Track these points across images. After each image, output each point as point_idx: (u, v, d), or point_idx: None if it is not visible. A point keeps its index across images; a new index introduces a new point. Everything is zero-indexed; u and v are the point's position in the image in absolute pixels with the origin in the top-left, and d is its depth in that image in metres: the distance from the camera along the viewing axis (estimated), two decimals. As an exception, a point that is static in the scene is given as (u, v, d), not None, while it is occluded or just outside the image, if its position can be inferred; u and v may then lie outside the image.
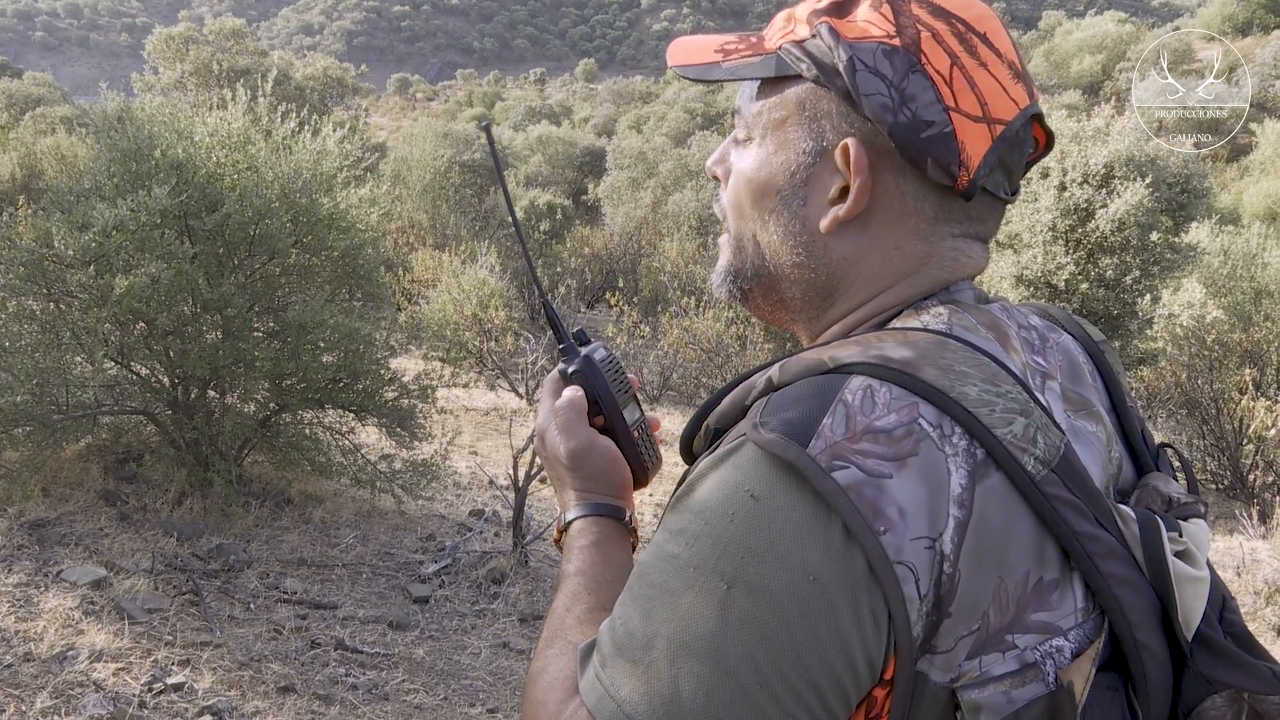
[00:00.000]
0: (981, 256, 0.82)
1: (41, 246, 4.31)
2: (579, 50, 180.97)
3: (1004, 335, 0.77)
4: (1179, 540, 0.72)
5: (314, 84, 24.48)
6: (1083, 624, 0.68)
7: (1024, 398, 0.70)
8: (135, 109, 5.13)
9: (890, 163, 0.77)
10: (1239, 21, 42.19)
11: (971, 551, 0.64)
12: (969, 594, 0.65)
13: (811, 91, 0.79)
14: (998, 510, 0.66)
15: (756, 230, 0.84)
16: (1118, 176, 10.02)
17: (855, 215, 0.78)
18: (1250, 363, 8.41)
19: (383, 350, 5.30)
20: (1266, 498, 7.57)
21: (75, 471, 4.86)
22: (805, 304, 0.84)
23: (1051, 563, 0.67)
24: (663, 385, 10.92)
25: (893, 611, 0.64)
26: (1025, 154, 0.80)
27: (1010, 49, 0.77)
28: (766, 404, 0.70)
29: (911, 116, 0.74)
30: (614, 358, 1.01)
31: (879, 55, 0.75)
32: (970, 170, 0.75)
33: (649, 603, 0.68)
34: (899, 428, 0.66)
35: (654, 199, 19.46)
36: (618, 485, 0.97)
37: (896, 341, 0.71)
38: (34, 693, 3.03)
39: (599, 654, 0.70)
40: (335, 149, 5.37)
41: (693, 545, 0.67)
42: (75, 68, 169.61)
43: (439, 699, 3.57)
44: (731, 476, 0.68)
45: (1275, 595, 4.98)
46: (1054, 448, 0.69)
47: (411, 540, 5.08)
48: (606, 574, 0.89)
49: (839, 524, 0.64)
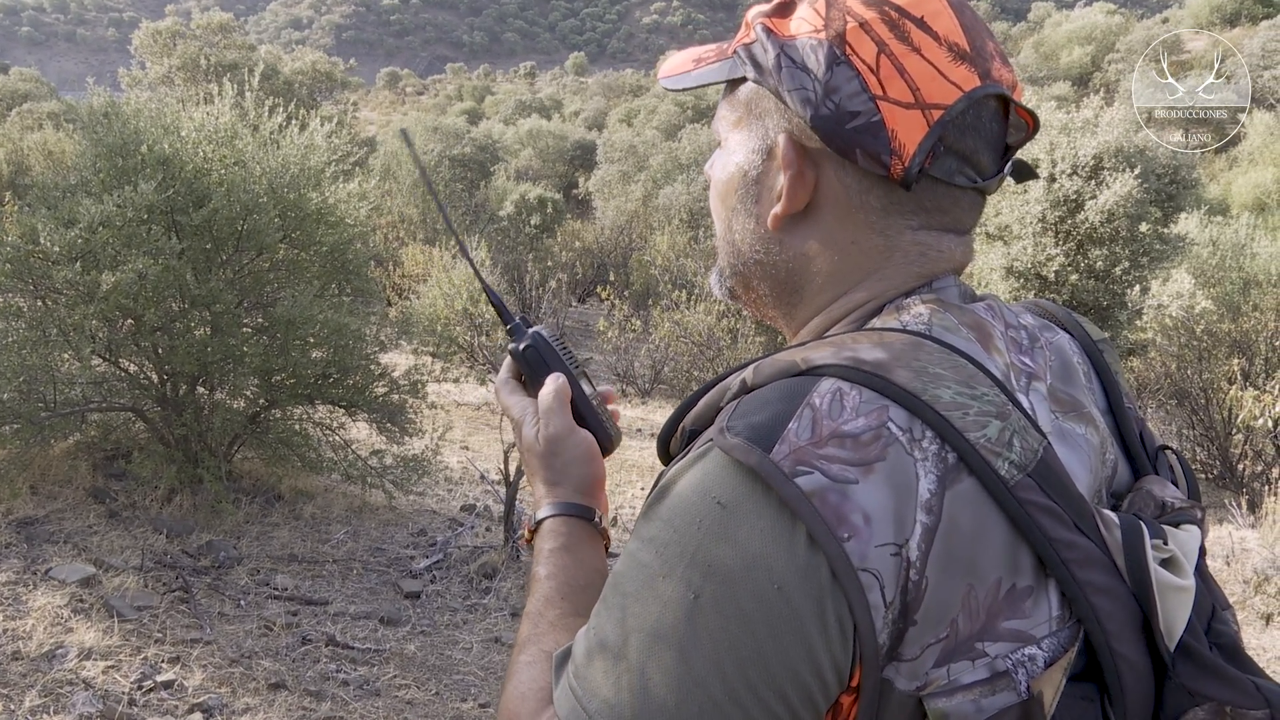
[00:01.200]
0: (956, 249, 0.80)
1: (27, 243, 4.28)
2: (569, 44, 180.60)
3: (986, 335, 0.75)
4: (1164, 548, 0.71)
5: (302, 78, 24.40)
6: (1057, 632, 0.67)
7: (1001, 400, 0.68)
8: (122, 104, 5.09)
9: (830, 157, 0.76)
10: (1227, 12, 42.27)
11: (939, 558, 0.63)
12: (936, 601, 0.64)
13: (755, 92, 0.80)
14: (968, 516, 0.64)
15: (726, 229, 0.86)
16: (1107, 168, 10.05)
17: (796, 210, 0.79)
18: (1239, 353, 8.45)
19: (373, 345, 5.28)
20: (1255, 487, 7.61)
21: (64, 469, 4.84)
22: (777, 301, 0.84)
23: (1025, 570, 0.66)
24: (654, 379, 10.92)
25: (857, 619, 0.63)
26: (991, 137, 0.76)
27: (954, 29, 0.74)
28: (736, 407, 0.69)
29: (835, 108, 0.74)
30: (560, 337, 1.02)
31: (806, 50, 0.75)
32: (904, 158, 0.73)
33: (621, 611, 0.67)
34: (866, 432, 0.65)
35: (645, 193, 19.45)
36: (589, 482, 0.95)
37: (871, 343, 0.70)
38: (23, 691, 3.01)
39: (573, 663, 0.70)
40: (323, 143, 5.35)
41: (662, 553, 0.66)
42: (62, 63, 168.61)
43: (430, 694, 3.56)
44: (700, 483, 0.67)
45: (1263, 584, 5.01)
46: (1031, 451, 0.67)
47: (403, 536, 5.08)
48: (578, 578, 0.88)
49: (803, 531, 0.63)
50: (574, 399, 0.98)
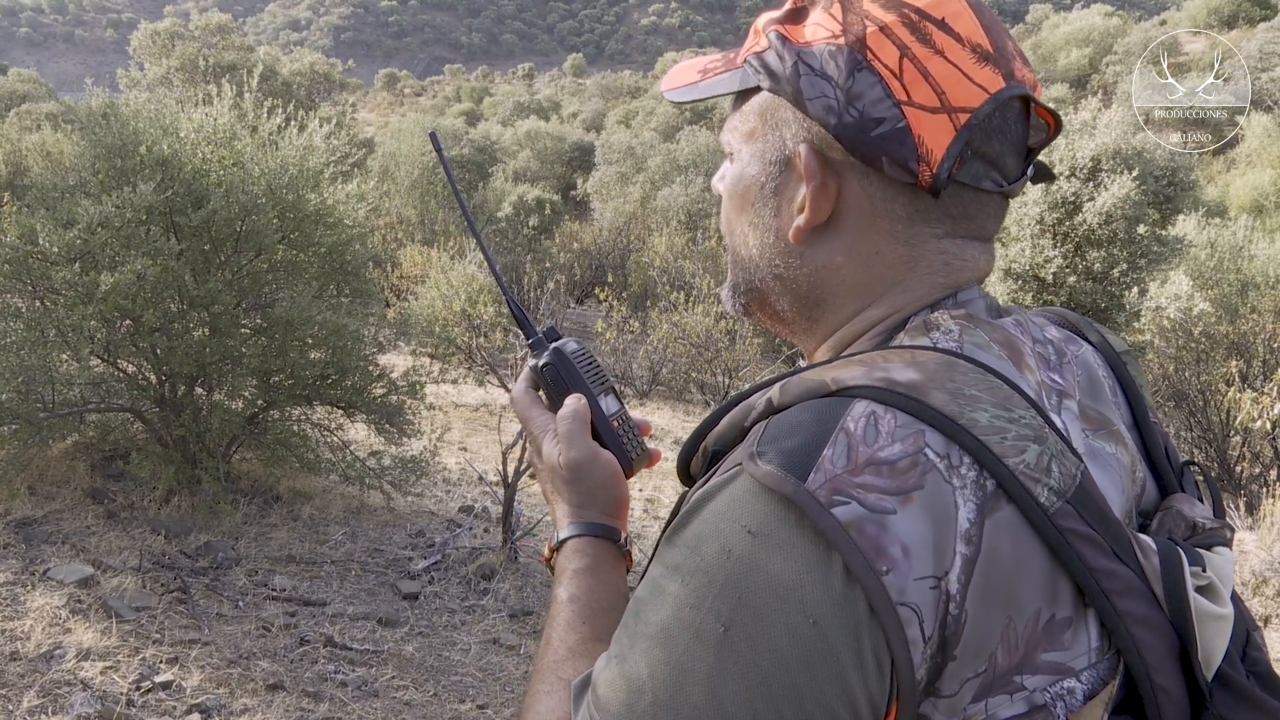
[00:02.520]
0: (980, 257, 0.78)
1: (26, 243, 4.28)
2: (567, 45, 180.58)
3: (1018, 353, 0.73)
4: (1202, 575, 0.69)
5: (301, 79, 24.40)
6: (1096, 664, 0.65)
7: (1038, 423, 0.66)
8: (120, 105, 5.09)
9: (853, 166, 0.74)
10: (1224, 14, 42.32)
11: (979, 590, 0.61)
12: (976, 635, 0.61)
13: (770, 101, 0.78)
14: (1008, 546, 0.62)
15: (741, 244, 0.83)
16: (1105, 170, 10.06)
17: (820, 222, 0.76)
18: (1237, 354, 8.45)
19: (371, 346, 5.28)
20: (1254, 489, 7.61)
21: (62, 469, 4.84)
22: (796, 316, 0.82)
23: (1065, 600, 0.64)
24: (652, 380, 10.92)
25: (895, 654, 0.60)
26: (1015, 140, 0.75)
27: (975, 30, 0.72)
28: (765, 430, 0.66)
29: (859, 116, 0.71)
30: (586, 350, 0.99)
31: (825, 57, 0.73)
32: (932, 165, 0.71)
33: (645, 641, 0.64)
34: (903, 459, 0.62)
35: (643, 194, 19.46)
36: (614, 504, 0.93)
37: (904, 362, 0.68)
38: (21, 692, 3.01)
39: (593, 693, 0.67)
40: (322, 144, 5.35)
41: (689, 583, 0.63)
42: (61, 64, 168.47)
43: (429, 695, 3.56)
44: (728, 510, 0.64)
45: (1262, 586, 5.02)
46: (1070, 476, 0.65)
47: (401, 537, 5.07)
48: (602, 601, 0.85)
49: (839, 563, 0.60)
50: (593, 420, 0.95)
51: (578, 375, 0.97)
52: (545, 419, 0.96)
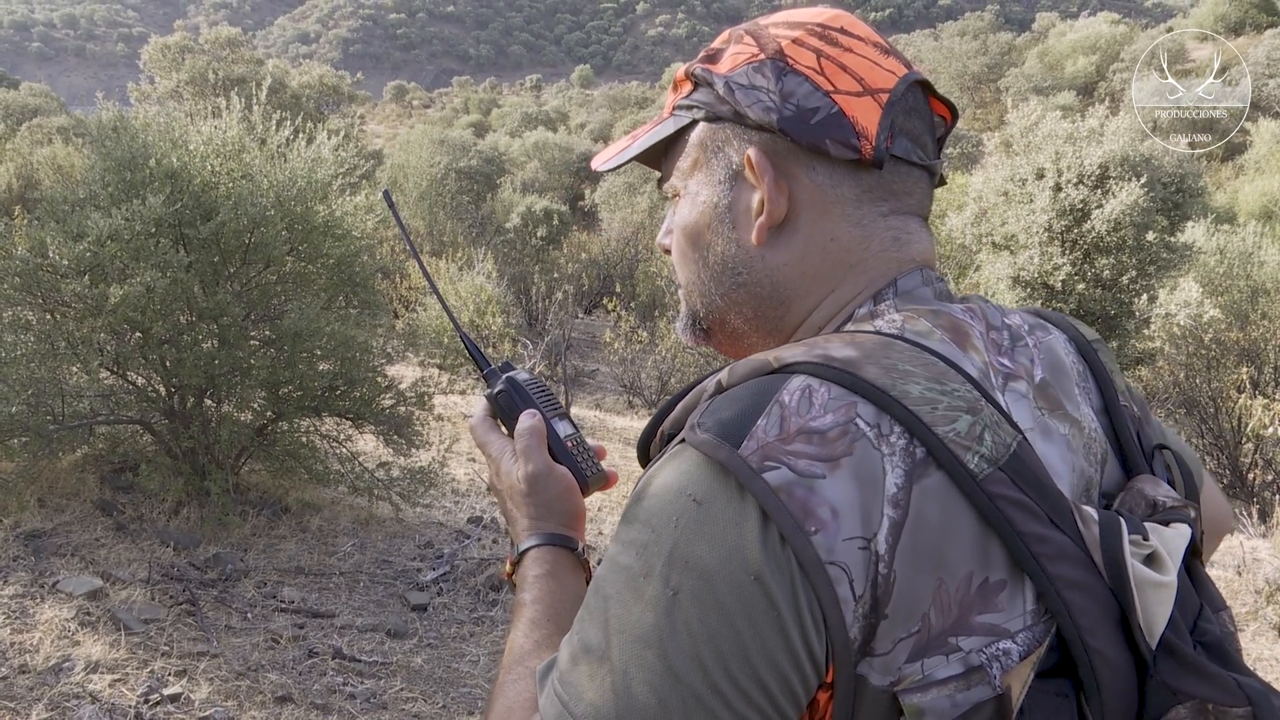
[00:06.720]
0: (923, 234, 0.84)
1: (36, 256, 4.30)
2: (575, 56, 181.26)
3: (963, 335, 0.76)
4: (1144, 544, 0.71)
5: (310, 92, 24.52)
6: (1032, 626, 0.67)
7: (973, 395, 0.69)
8: (130, 118, 5.12)
9: (797, 159, 0.80)
10: (1231, 21, 42.24)
11: (907, 552, 0.64)
12: (906, 595, 0.64)
13: (707, 129, 0.85)
14: (936, 510, 0.65)
15: (699, 270, 0.87)
16: (1113, 177, 10.03)
17: (780, 219, 0.81)
18: (1248, 361, 8.42)
19: (379, 357, 5.29)
20: (1266, 496, 7.57)
21: (71, 481, 4.85)
22: (760, 322, 0.86)
23: (997, 563, 0.66)
24: (661, 390, 10.91)
25: (826, 612, 0.63)
26: (925, 121, 0.82)
27: (870, 33, 0.83)
28: (708, 406, 0.70)
29: (797, 108, 0.79)
30: (538, 380, 1.04)
31: (750, 72, 0.81)
32: (870, 138, 0.78)
33: (603, 614, 0.68)
34: (834, 428, 0.66)
35: (650, 204, 19.48)
36: (571, 515, 0.97)
37: (842, 342, 0.72)
38: (29, 705, 3.01)
39: (557, 669, 0.70)
40: (330, 156, 5.36)
41: (642, 554, 0.67)
42: (72, 78, 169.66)
43: (437, 707, 3.55)
44: (674, 481, 0.68)
45: (1276, 594, 4.97)
46: (1003, 445, 0.68)
47: (409, 548, 5.07)
48: (563, 602, 0.89)
49: (774, 525, 0.64)
50: (549, 440, 0.99)
51: (531, 400, 1.02)
52: (503, 442, 1.01)
